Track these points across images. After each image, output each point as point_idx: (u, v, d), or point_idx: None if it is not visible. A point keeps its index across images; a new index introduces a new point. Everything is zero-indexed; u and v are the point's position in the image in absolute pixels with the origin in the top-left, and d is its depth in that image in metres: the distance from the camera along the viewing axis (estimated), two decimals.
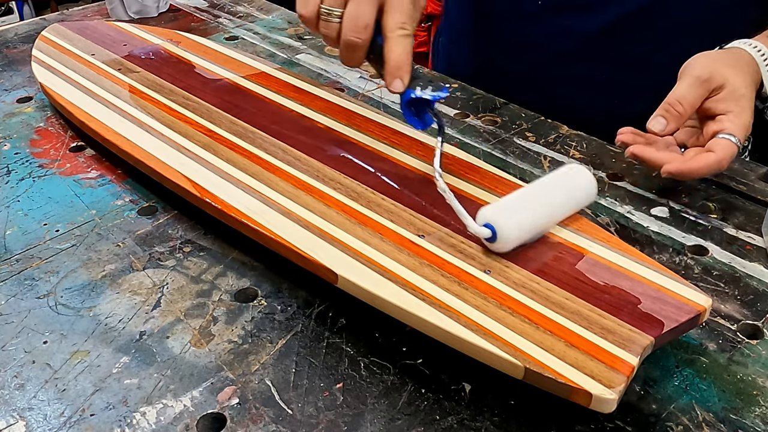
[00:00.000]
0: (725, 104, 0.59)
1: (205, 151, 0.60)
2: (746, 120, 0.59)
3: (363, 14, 0.53)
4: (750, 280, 0.52)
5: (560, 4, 0.76)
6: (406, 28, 0.54)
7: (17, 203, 0.62)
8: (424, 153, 0.59)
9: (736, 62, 0.61)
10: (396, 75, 0.54)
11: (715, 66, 0.60)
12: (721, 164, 0.58)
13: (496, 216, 0.47)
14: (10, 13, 2.86)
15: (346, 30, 0.53)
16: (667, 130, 0.59)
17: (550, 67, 0.80)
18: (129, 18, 1.00)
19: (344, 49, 0.55)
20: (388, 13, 0.53)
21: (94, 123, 0.65)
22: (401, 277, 0.45)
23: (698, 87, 0.59)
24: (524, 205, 0.48)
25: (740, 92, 0.59)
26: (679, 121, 0.59)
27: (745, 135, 0.59)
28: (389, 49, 0.53)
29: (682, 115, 0.59)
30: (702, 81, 0.59)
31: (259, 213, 0.52)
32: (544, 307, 0.43)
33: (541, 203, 0.49)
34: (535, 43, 0.79)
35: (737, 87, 0.59)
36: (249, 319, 0.50)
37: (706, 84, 0.59)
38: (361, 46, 0.54)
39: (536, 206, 0.48)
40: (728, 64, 0.61)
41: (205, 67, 0.76)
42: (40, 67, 0.76)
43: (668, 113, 0.59)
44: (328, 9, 0.53)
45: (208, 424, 0.42)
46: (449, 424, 0.42)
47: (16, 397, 0.44)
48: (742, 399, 0.43)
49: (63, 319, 0.50)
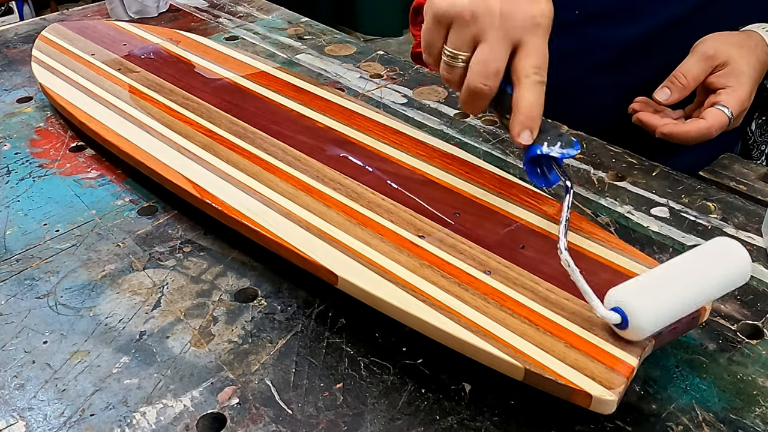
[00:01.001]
0: (725, 79, 0.64)
1: (204, 152, 0.60)
2: (742, 95, 0.63)
3: (495, 59, 0.47)
4: (750, 280, 0.52)
5: (597, 14, 0.76)
6: (541, 74, 0.47)
7: (17, 203, 0.62)
8: (425, 153, 0.59)
9: (744, 43, 0.65)
10: (526, 126, 0.47)
11: (721, 45, 0.65)
12: (710, 131, 0.63)
13: (628, 299, 0.39)
14: (10, 13, 2.86)
15: (473, 75, 0.48)
16: (671, 100, 0.65)
17: (585, 78, 0.79)
18: (129, 18, 1.00)
19: (468, 96, 0.49)
20: (522, 56, 0.47)
21: (94, 123, 0.65)
22: (401, 278, 0.45)
23: (703, 62, 0.64)
24: (662, 286, 0.40)
25: (741, 69, 0.63)
26: (682, 92, 0.64)
27: (739, 108, 0.63)
28: (521, 96, 0.47)
29: (685, 87, 0.64)
30: (707, 57, 0.64)
31: (259, 214, 0.52)
32: (545, 308, 0.43)
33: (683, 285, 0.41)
34: (571, 54, 0.78)
35: (739, 65, 0.64)
36: (249, 319, 0.50)
37: (710, 60, 0.64)
38: (488, 94, 0.48)
39: (676, 288, 0.40)
40: (735, 44, 0.65)
41: (205, 66, 0.76)
42: (40, 67, 0.76)
43: (673, 84, 0.65)
44: (452, 52, 0.48)
45: (208, 424, 0.42)
46: (449, 424, 0.42)
47: (16, 397, 0.44)
48: (742, 399, 0.43)
49: (63, 319, 0.50)
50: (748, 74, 0.63)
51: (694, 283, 0.41)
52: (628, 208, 0.60)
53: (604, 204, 0.61)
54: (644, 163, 0.66)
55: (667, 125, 0.64)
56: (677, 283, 0.40)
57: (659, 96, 0.65)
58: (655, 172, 0.65)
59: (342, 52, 0.90)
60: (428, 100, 0.78)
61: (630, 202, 0.61)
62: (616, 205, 0.61)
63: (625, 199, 0.61)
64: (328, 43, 0.93)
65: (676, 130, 0.64)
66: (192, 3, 1.07)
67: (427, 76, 0.83)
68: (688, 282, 0.41)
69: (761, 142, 0.84)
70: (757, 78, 0.64)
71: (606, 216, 0.59)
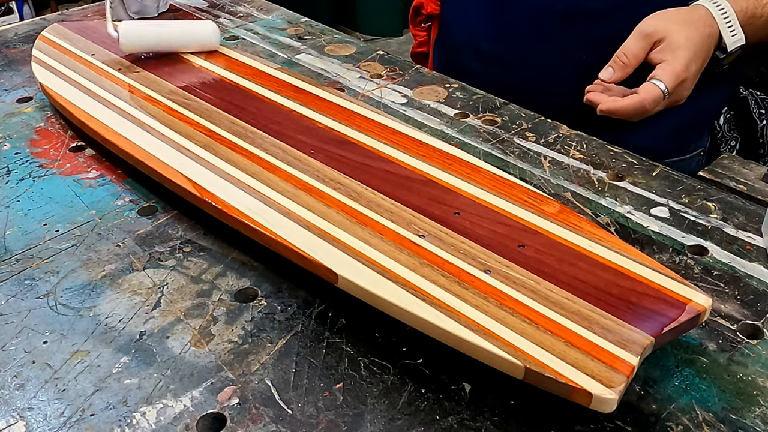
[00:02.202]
0: (662, 54, 0.66)
1: (205, 151, 0.60)
2: (677, 67, 0.65)
3: None
4: (750, 280, 0.52)
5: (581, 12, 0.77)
6: None
7: (17, 203, 0.62)
8: (425, 153, 0.59)
9: (686, 17, 0.67)
10: None
11: (661, 22, 0.67)
12: (642, 104, 0.65)
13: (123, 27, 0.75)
14: (10, 13, 2.85)
15: None
16: (614, 78, 0.68)
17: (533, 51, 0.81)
18: (129, 18, 1.00)
19: None
20: None
21: (94, 123, 0.65)
22: (401, 277, 0.45)
23: (641, 40, 0.67)
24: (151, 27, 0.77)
25: (678, 43, 0.65)
26: (624, 70, 0.67)
27: (674, 81, 0.64)
28: None
29: (627, 65, 0.67)
30: (645, 35, 0.67)
31: (259, 213, 0.52)
32: (545, 307, 0.43)
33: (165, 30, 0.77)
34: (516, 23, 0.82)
35: (675, 39, 0.65)
36: (249, 319, 0.50)
37: (648, 38, 0.66)
38: None
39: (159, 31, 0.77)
40: (676, 20, 0.66)
41: (204, 67, 0.76)
42: (40, 67, 0.76)
43: (615, 63, 0.68)
44: None
45: (208, 424, 0.42)
46: (449, 424, 0.42)
47: (16, 397, 0.44)
48: (742, 399, 0.43)
49: (63, 319, 0.50)
50: (684, 47, 0.65)
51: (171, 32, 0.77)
52: (628, 208, 0.60)
53: (604, 204, 0.61)
54: (644, 163, 0.66)
55: (605, 102, 0.67)
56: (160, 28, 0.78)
57: (603, 75, 0.68)
58: (655, 172, 0.65)
59: (342, 52, 0.90)
60: (428, 100, 0.78)
61: (630, 202, 0.61)
62: (616, 205, 0.61)
63: (625, 199, 0.61)
64: (328, 43, 0.93)
65: (613, 107, 0.67)
66: (192, 3, 1.07)
67: (427, 76, 0.83)
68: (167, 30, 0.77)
69: (730, 137, 0.85)
70: (695, 50, 0.65)
71: (606, 216, 0.59)
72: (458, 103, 0.77)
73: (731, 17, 0.68)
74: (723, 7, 0.68)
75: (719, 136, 0.85)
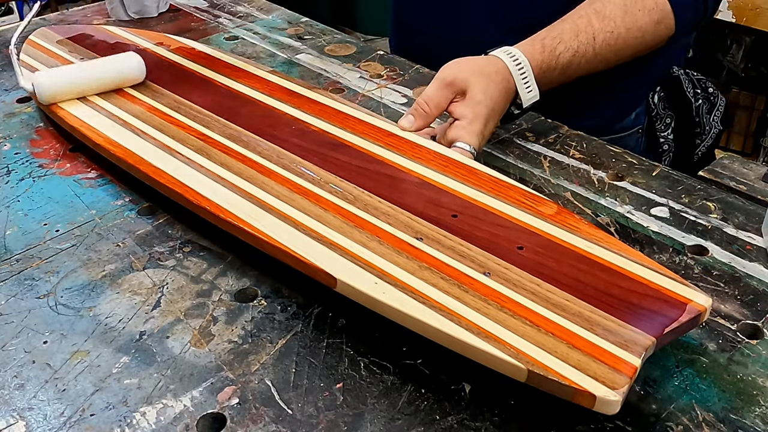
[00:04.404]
0: (462, 109, 0.63)
1: (198, 155, 0.60)
2: (477, 127, 0.62)
3: None
4: (750, 280, 0.52)
5: None
6: None
7: (17, 203, 0.62)
8: (420, 155, 0.59)
9: (485, 70, 0.64)
10: None
11: (460, 71, 0.64)
12: None
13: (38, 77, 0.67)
14: (10, 13, 2.85)
15: None
16: (415, 127, 0.63)
17: None
18: (129, 18, 1.00)
19: None
20: None
21: (85, 128, 0.65)
22: (400, 280, 0.45)
23: (443, 89, 0.63)
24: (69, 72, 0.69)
25: (477, 98, 0.62)
26: (426, 119, 0.63)
27: (478, 140, 0.62)
28: None
29: (429, 114, 0.63)
30: (446, 84, 0.63)
31: (255, 217, 0.52)
32: (545, 309, 0.43)
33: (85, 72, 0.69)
34: None
35: (475, 93, 0.62)
36: (249, 319, 0.49)
37: (450, 87, 0.63)
38: None
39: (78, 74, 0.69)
40: (475, 71, 0.64)
41: (196, 70, 0.76)
42: (29, 71, 0.75)
43: (416, 111, 0.63)
44: None
45: (208, 424, 0.42)
46: (449, 424, 0.42)
47: (16, 397, 0.44)
48: (742, 399, 0.43)
49: (63, 319, 0.50)
50: (484, 103, 0.62)
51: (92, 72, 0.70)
52: (628, 208, 0.60)
53: (604, 204, 0.61)
54: (644, 163, 0.66)
55: None
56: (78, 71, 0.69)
57: (403, 123, 0.63)
58: (655, 172, 0.65)
59: (342, 52, 0.90)
60: None
61: (630, 202, 0.61)
62: (616, 205, 0.61)
63: (625, 199, 0.61)
64: (328, 43, 0.93)
65: None
66: (192, 3, 1.07)
67: (427, 76, 0.83)
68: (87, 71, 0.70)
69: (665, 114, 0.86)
70: (494, 106, 0.63)
71: (606, 216, 0.59)
72: None
73: (527, 73, 0.66)
74: (520, 62, 0.66)
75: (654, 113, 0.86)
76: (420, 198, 0.54)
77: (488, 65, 0.65)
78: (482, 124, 0.62)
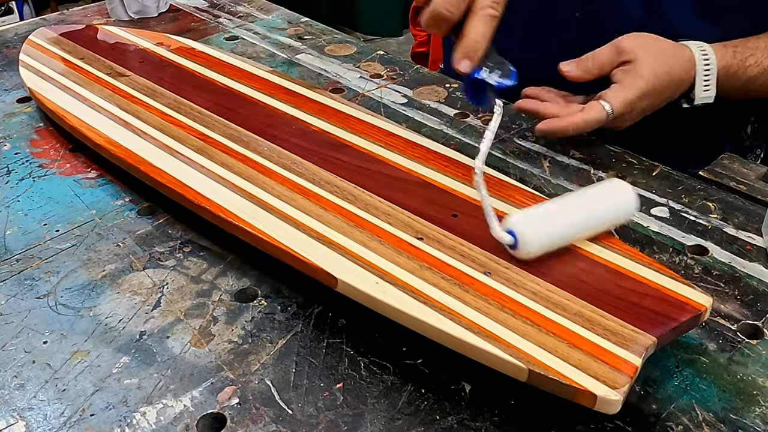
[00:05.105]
0: (621, 76, 0.63)
1: (198, 155, 0.60)
2: (629, 96, 0.62)
3: None
4: (750, 280, 0.52)
5: None
6: (496, 8, 0.52)
7: (17, 203, 0.62)
8: (420, 155, 0.59)
9: (667, 54, 0.64)
10: (467, 54, 0.52)
11: (639, 44, 0.64)
12: (587, 123, 0.62)
13: (520, 224, 0.46)
14: (10, 13, 2.86)
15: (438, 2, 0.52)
16: (571, 75, 0.65)
17: None
18: (129, 18, 1.00)
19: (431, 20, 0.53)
20: None
21: (85, 128, 0.64)
22: (401, 280, 0.45)
23: (612, 53, 0.64)
24: (552, 216, 0.47)
25: (641, 73, 0.62)
26: (584, 72, 0.65)
27: (622, 108, 0.62)
28: (470, 26, 0.52)
29: (588, 69, 0.64)
30: (618, 50, 0.64)
31: (256, 217, 0.52)
32: (546, 309, 0.43)
33: (570, 215, 0.48)
34: None
35: (642, 68, 0.63)
36: (249, 319, 0.50)
37: (619, 54, 0.64)
38: (450, 20, 0.53)
39: (564, 218, 0.47)
40: (654, 50, 0.64)
41: (196, 70, 0.76)
42: (28, 72, 0.76)
43: (579, 62, 0.65)
44: None
45: (208, 424, 0.42)
46: (449, 424, 0.42)
47: (16, 397, 0.44)
48: (742, 399, 0.43)
49: (63, 319, 0.50)
50: (646, 79, 0.62)
51: (581, 214, 0.48)
52: None
53: None
54: (644, 163, 0.66)
55: (544, 122, 0.64)
56: (565, 214, 0.48)
57: (563, 66, 0.65)
58: (655, 172, 0.65)
59: (342, 52, 0.90)
60: (428, 100, 0.78)
61: None
62: None
63: None
64: (328, 43, 0.93)
65: (553, 127, 0.64)
66: (192, 3, 1.07)
67: (427, 76, 0.83)
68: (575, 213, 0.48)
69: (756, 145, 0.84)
70: (657, 87, 0.62)
71: None
72: (458, 103, 0.77)
73: (712, 71, 0.65)
74: (708, 58, 0.65)
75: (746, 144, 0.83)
76: (420, 197, 0.54)
77: (674, 51, 0.65)
78: (635, 96, 0.62)
